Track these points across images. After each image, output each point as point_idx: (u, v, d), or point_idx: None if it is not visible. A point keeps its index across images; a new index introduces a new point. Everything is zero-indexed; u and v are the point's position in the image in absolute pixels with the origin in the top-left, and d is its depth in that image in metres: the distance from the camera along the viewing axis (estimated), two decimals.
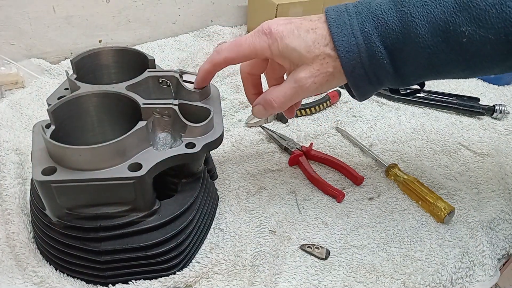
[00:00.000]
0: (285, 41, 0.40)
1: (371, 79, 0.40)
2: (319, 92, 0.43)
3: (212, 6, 1.03)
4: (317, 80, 0.41)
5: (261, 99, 0.45)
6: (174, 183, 0.48)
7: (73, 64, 0.50)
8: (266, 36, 0.41)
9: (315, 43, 0.39)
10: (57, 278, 0.45)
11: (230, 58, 0.43)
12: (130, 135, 0.40)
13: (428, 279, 0.48)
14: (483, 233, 0.54)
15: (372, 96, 0.81)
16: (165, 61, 0.90)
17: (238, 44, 0.43)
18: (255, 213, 0.55)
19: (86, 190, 0.40)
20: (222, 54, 0.43)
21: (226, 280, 0.47)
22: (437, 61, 0.37)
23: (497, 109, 0.77)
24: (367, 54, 0.38)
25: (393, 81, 0.41)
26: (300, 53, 0.40)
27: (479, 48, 0.35)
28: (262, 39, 0.41)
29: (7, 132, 0.64)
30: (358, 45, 0.38)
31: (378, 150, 0.68)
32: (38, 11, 0.82)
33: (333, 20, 0.39)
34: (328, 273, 0.48)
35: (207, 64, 0.45)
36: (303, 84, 0.41)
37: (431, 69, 0.39)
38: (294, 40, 0.40)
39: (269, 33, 0.41)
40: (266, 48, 0.41)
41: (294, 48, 0.40)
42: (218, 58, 0.44)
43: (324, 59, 0.40)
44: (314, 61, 0.40)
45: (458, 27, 0.34)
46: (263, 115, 0.46)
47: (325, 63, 0.40)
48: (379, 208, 0.57)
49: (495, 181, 0.63)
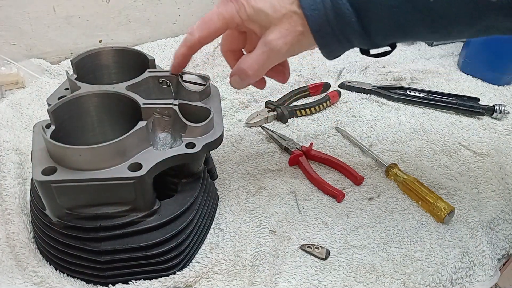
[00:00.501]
0: (251, 3, 0.39)
1: (339, 37, 0.39)
2: (292, 54, 0.42)
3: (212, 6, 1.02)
4: (287, 40, 0.39)
5: (235, 69, 0.44)
6: (174, 183, 0.48)
7: (73, 64, 0.50)
8: (232, 3, 0.40)
9: (280, 2, 0.38)
10: (57, 278, 0.45)
11: (204, 36, 0.42)
12: (130, 135, 0.40)
13: (428, 279, 0.48)
14: (483, 233, 0.54)
15: (372, 96, 0.82)
16: (165, 61, 0.90)
17: (207, 19, 0.42)
18: (255, 213, 0.55)
19: (86, 190, 0.40)
20: (195, 34, 0.42)
21: (226, 280, 0.47)
22: (403, 21, 0.37)
23: (497, 109, 0.77)
24: (333, 12, 0.37)
25: (362, 40, 0.39)
26: (267, 14, 0.39)
27: (445, 8, 0.34)
28: (229, 7, 0.40)
29: (7, 132, 0.64)
30: (324, 2, 0.37)
31: (378, 150, 0.68)
32: (38, 11, 0.82)
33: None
34: (328, 273, 0.48)
35: (182, 47, 0.44)
36: (274, 46, 0.40)
37: (398, 29, 0.38)
38: (260, 1, 0.39)
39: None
40: (235, 14, 0.40)
41: (261, 9, 0.39)
42: (192, 39, 0.43)
43: (291, 17, 0.38)
44: (282, 21, 0.39)
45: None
46: (241, 85, 0.45)
47: (293, 21, 0.39)
48: (379, 208, 0.57)
49: (495, 181, 0.63)
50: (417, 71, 0.91)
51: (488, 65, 0.88)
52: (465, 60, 0.91)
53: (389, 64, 0.94)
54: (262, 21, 0.40)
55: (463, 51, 0.92)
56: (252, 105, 0.77)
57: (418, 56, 0.99)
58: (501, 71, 0.87)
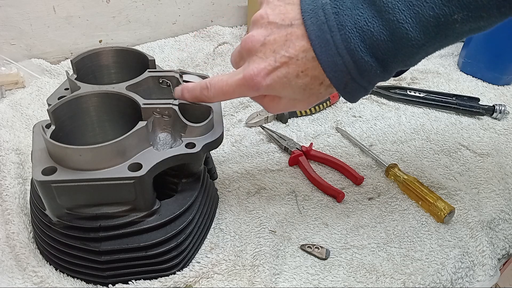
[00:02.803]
0: (278, 92, 0.40)
1: (365, 87, 0.39)
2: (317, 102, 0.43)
3: (212, 6, 1.03)
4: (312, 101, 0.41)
5: None
6: (174, 183, 0.48)
7: (74, 64, 0.50)
8: (254, 91, 0.40)
9: (309, 87, 0.39)
10: (57, 278, 0.45)
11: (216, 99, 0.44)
12: (130, 135, 0.40)
13: (428, 279, 0.48)
14: (483, 233, 0.54)
15: (372, 96, 0.82)
16: (165, 61, 0.90)
17: (226, 93, 0.42)
18: (255, 213, 0.55)
19: (86, 190, 0.40)
20: (210, 94, 0.43)
21: (226, 280, 0.47)
22: (430, 51, 0.37)
23: (497, 109, 0.77)
24: (357, 70, 0.36)
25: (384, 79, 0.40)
26: (296, 97, 0.40)
27: (472, 27, 0.34)
28: (251, 92, 0.41)
29: (7, 132, 0.64)
30: (346, 64, 0.36)
31: (378, 150, 0.68)
32: (38, 11, 0.82)
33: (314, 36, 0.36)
34: (328, 273, 0.48)
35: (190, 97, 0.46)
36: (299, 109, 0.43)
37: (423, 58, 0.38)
38: (287, 90, 0.39)
39: (256, 88, 0.39)
40: (257, 95, 0.42)
41: (291, 95, 0.40)
42: (205, 97, 0.44)
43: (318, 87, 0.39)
44: (311, 96, 0.40)
45: (450, 16, 0.33)
46: None
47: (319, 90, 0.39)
48: (379, 208, 0.58)
49: (495, 181, 0.63)
50: (417, 71, 0.91)
51: (488, 65, 0.88)
52: (465, 60, 0.91)
53: None
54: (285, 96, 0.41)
55: (463, 51, 0.92)
56: (252, 105, 0.77)
57: None
58: (501, 71, 0.87)
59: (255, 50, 0.39)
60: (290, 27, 0.37)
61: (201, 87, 0.44)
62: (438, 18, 0.33)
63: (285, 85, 0.39)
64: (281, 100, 0.42)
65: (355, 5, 0.35)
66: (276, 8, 0.38)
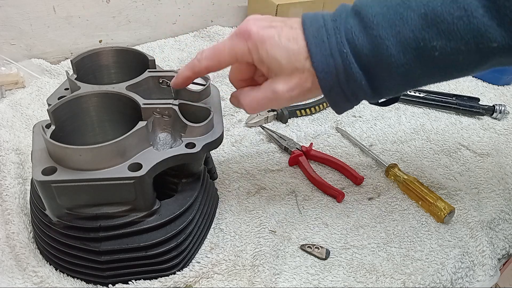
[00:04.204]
0: (265, 47, 0.39)
1: (348, 97, 0.40)
2: (292, 103, 0.43)
3: (212, 6, 1.03)
4: (294, 94, 0.40)
5: (236, 98, 0.45)
6: (174, 183, 0.48)
7: (73, 64, 0.50)
8: (245, 40, 0.40)
9: (296, 55, 0.38)
10: (57, 278, 0.45)
11: (211, 66, 0.43)
12: (130, 135, 0.40)
13: (428, 279, 0.48)
14: (483, 233, 0.54)
15: None
16: (165, 61, 0.90)
17: (218, 51, 0.42)
18: (255, 213, 0.55)
19: (86, 190, 0.40)
20: (203, 62, 0.43)
21: (226, 280, 0.47)
22: (412, 76, 0.37)
23: (497, 109, 0.77)
24: (345, 76, 0.37)
25: (371, 97, 0.41)
26: (280, 63, 0.39)
27: (452, 59, 0.35)
28: (241, 43, 0.40)
29: (7, 132, 0.64)
30: (337, 66, 0.37)
31: (378, 150, 0.68)
32: (38, 11, 0.82)
33: (311, 36, 0.37)
34: (328, 273, 0.48)
35: (187, 70, 0.44)
36: (280, 96, 0.40)
37: (407, 83, 0.39)
38: (275, 47, 0.39)
39: (248, 37, 0.39)
40: (246, 52, 0.40)
41: (275, 57, 0.39)
42: (199, 66, 0.43)
43: (303, 73, 0.39)
44: (294, 74, 0.39)
45: (429, 42, 0.34)
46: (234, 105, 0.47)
47: (304, 77, 0.39)
48: (379, 208, 0.58)
49: (495, 181, 0.63)
50: None
51: None
52: None
53: None
54: (273, 68, 0.40)
55: None
56: None
57: None
58: (501, 71, 0.87)
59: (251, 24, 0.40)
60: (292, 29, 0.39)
61: (194, 58, 0.44)
62: (417, 41, 0.35)
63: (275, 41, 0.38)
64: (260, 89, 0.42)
65: (347, 18, 0.37)
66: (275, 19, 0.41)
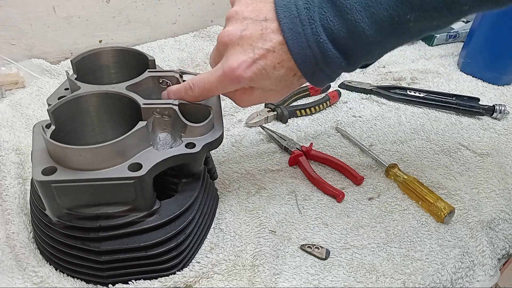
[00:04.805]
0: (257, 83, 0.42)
1: (330, 76, 0.42)
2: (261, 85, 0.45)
3: (212, 6, 1.03)
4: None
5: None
6: (174, 183, 0.48)
7: (74, 64, 0.50)
8: (236, 84, 0.42)
9: (284, 79, 0.41)
10: (57, 278, 0.45)
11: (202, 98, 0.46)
12: (130, 135, 0.40)
13: (428, 279, 0.48)
14: (483, 233, 0.54)
15: (372, 96, 0.82)
16: (165, 61, 0.90)
17: (210, 91, 0.44)
18: (255, 213, 0.55)
19: (86, 190, 0.40)
20: (195, 94, 0.45)
21: (226, 280, 0.47)
22: (389, 47, 0.40)
23: (497, 109, 0.77)
24: (324, 62, 0.39)
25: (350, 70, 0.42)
26: (272, 88, 0.42)
27: (426, 25, 0.37)
28: (233, 86, 0.43)
29: (7, 132, 0.64)
30: (315, 56, 0.38)
31: (378, 150, 0.68)
32: (38, 11, 0.82)
33: (287, 29, 0.38)
34: (328, 273, 0.48)
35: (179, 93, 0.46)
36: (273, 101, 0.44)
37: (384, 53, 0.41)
38: (265, 81, 0.41)
39: (239, 82, 0.41)
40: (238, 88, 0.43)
41: (268, 87, 0.42)
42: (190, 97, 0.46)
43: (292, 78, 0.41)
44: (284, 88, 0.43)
45: (403, 16, 0.35)
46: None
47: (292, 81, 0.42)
48: (379, 208, 0.58)
49: (495, 181, 0.63)
50: (417, 71, 0.91)
51: (488, 65, 0.88)
52: (465, 60, 0.91)
53: (389, 64, 0.94)
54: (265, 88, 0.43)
55: (463, 51, 0.92)
56: None
57: (418, 56, 0.99)
58: (501, 71, 0.87)
59: (232, 44, 0.40)
60: (264, 22, 0.39)
61: (185, 88, 0.46)
62: (392, 18, 0.36)
63: (264, 76, 0.40)
64: (254, 92, 0.44)
65: (321, 4, 0.37)
66: (249, 5, 0.40)
